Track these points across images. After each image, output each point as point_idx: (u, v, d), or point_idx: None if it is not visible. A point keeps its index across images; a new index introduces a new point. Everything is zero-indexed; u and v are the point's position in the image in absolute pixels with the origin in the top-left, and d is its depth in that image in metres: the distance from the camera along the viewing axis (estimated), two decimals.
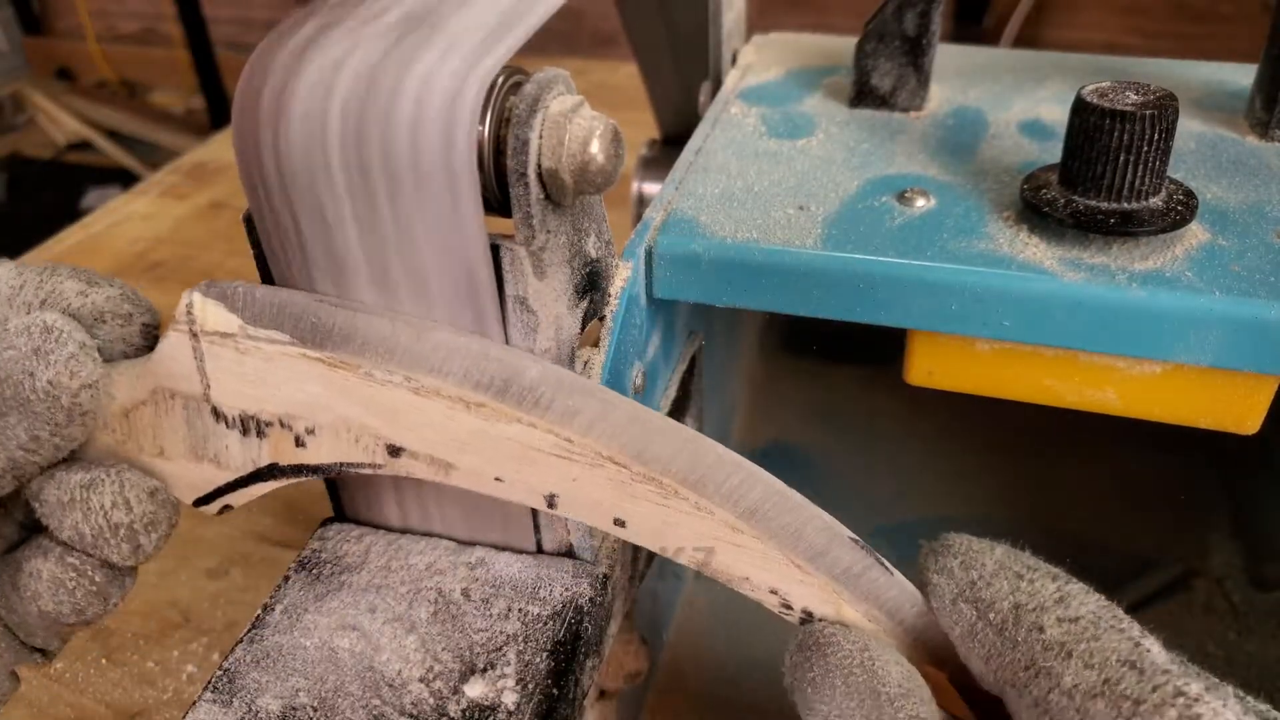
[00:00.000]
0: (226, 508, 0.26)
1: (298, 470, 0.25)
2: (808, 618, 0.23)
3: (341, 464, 0.24)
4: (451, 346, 0.23)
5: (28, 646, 0.27)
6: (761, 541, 0.23)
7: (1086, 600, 0.21)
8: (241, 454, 0.25)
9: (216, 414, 0.25)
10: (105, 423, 0.25)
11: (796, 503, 0.23)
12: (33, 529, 0.26)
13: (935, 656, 0.23)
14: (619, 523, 0.24)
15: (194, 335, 0.24)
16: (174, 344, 0.24)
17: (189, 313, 0.24)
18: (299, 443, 0.24)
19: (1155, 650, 0.20)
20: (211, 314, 0.24)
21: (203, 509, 0.26)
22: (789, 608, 0.23)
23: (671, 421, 0.23)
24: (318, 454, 0.24)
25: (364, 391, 0.23)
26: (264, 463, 0.25)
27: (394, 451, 0.24)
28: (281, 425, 0.24)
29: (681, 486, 0.23)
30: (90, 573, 0.25)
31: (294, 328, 0.23)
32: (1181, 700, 0.19)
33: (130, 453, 0.26)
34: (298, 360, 0.23)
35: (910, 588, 0.23)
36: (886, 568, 0.23)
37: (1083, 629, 0.21)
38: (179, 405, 0.25)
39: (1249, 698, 0.21)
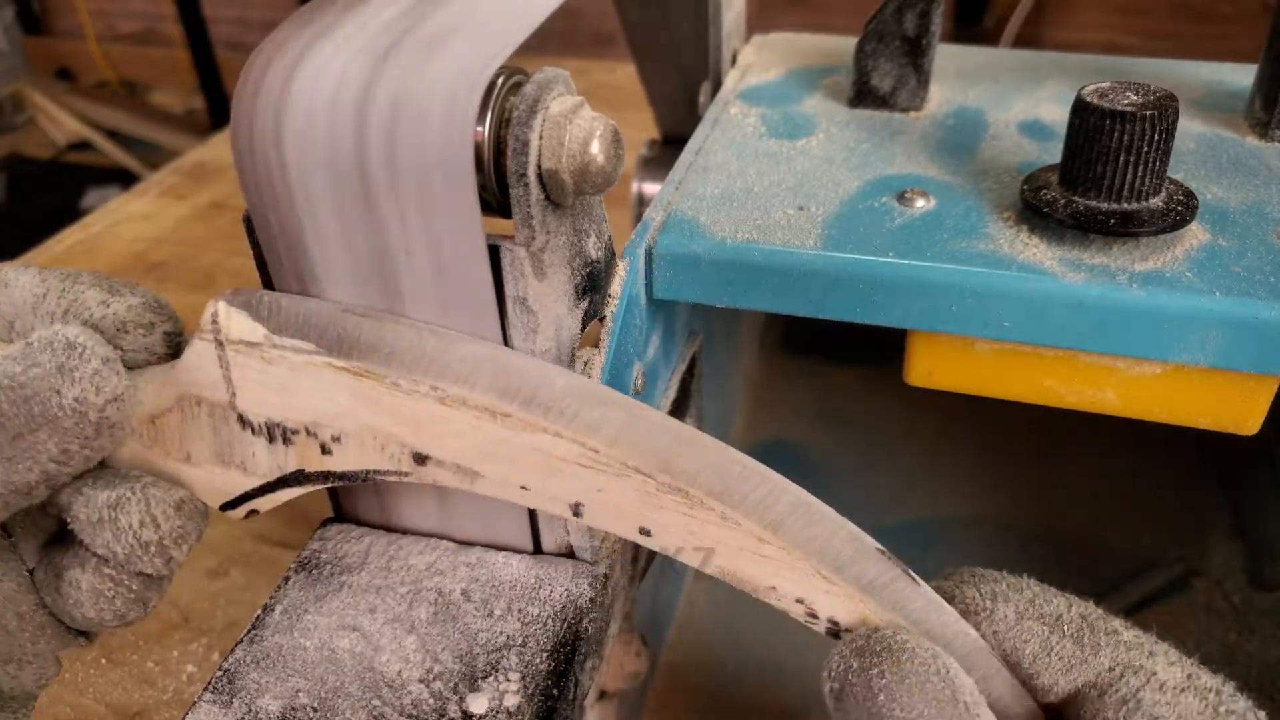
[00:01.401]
0: (253, 512, 0.26)
1: (324, 476, 0.25)
2: (834, 626, 0.23)
3: (368, 471, 0.24)
4: (478, 357, 0.23)
5: (72, 630, 0.27)
6: (788, 552, 0.23)
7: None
8: (268, 460, 0.25)
9: (243, 421, 0.25)
10: (133, 429, 0.25)
11: (822, 513, 0.23)
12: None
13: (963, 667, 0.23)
14: (644, 532, 0.24)
15: (219, 344, 0.24)
16: (199, 352, 0.24)
17: (214, 321, 0.24)
18: (325, 450, 0.24)
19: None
20: (236, 323, 0.24)
21: (229, 514, 0.26)
22: (814, 616, 0.23)
23: (698, 433, 0.23)
24: (344, 461, 0.24)
25: (390, 401, 0.23)
26: (290, 469, 0.25)
27: (420, 459, 0.24)
28: (307, 433, 0.24)
29: (708, 498, 0.23)
30: (127, 582, 0.25)
31: (320, 337, 0.23)
32: (1242, 697, 0.22)
33: (157, 458, 0.26)
34: (323, 369, 0.23)
35: (936, 599, 0.23)
36: (913, 579, 0.23)
37: (1145, 635, 0.23)
38: (204, 412, 0.25)
39: None
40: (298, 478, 0.25)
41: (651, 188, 0.47)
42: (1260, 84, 0.34)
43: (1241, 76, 0.39)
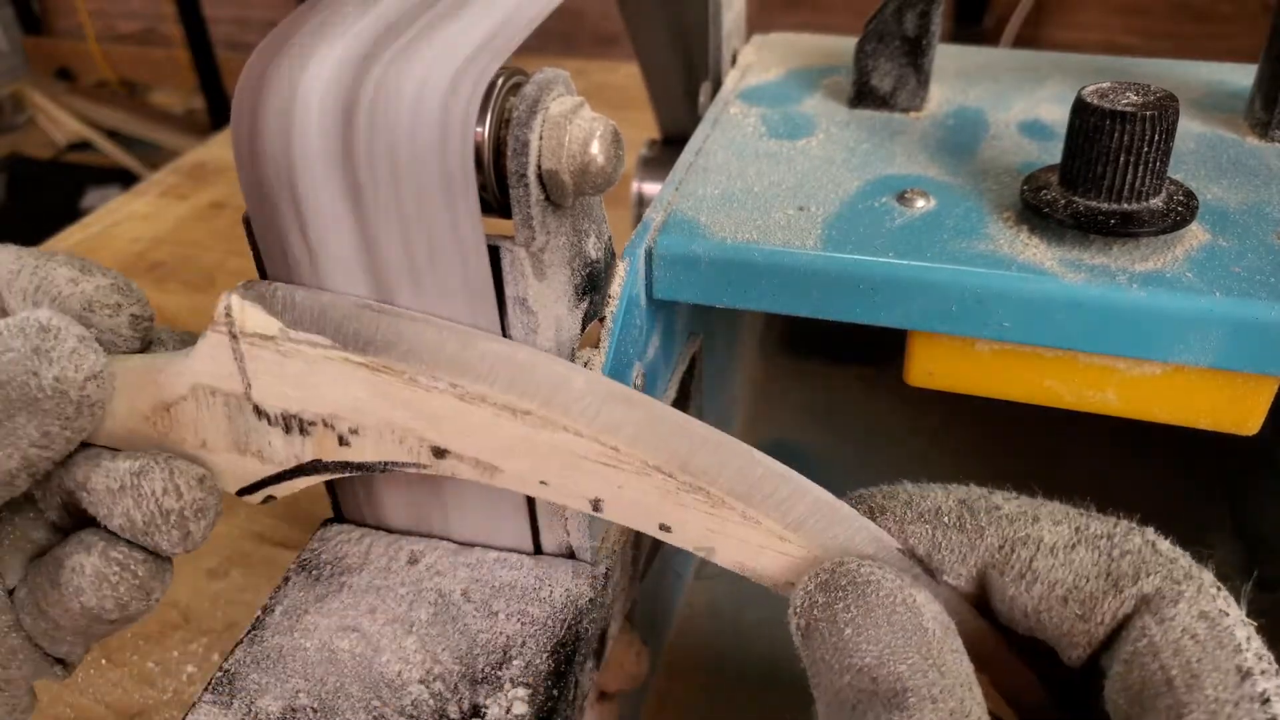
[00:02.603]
0: (270, 498, 0.27)
1: (342, 466, 0.25)
2: None
3: (386, 463, 0.25)
4: (498, 355, 0.23)
5: (49, 658, 0.27)
6: (808, 550, 0.23)
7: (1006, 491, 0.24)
8: (285, 449, 0.25)
9: (258, 412, 0.25)
10: (146, 416, 0.26)
11: (845, 514, 0.23)
12: (64, 529, 0.27)
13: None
14: (664, 528, 0.24)
15: (233, 336, 0.24)
16: (213, 344, 0.24)
17: (227, 314, 0.24)
18: (342, 441, 0.25)
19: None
20: (251, 316, 0.24)
21: (246, 498, 0.27)
22: None
23: (719, 433, 0.23)
24: (362, 453, 0.25)
25: (407, 396, 0.23)
26: (307, 459, 0.25)
27: (439, 453, 0.24)
28: (325, 425, 0.24)
29: (729, 497, 0.23)
30: (134, 566, 0.25)
31: (336, 332, 0.23)
32: (1138, 533, 0.22)
33: (174, 445, 0.26)
34: (340, 364, 0.23)
35: (956, 596, 0.23)
36: (933, 576, 0.23)
37: (1029, 501, 0.23)
38: (220, 402, 0.25)
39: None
40: (315, 466, 0.25)
41: (651, 188, 0.47)
42: (1260, 84, 0.34)
43: (1241, 76, 0.39)
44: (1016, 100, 0.37)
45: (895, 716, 0.19)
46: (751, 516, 0.23)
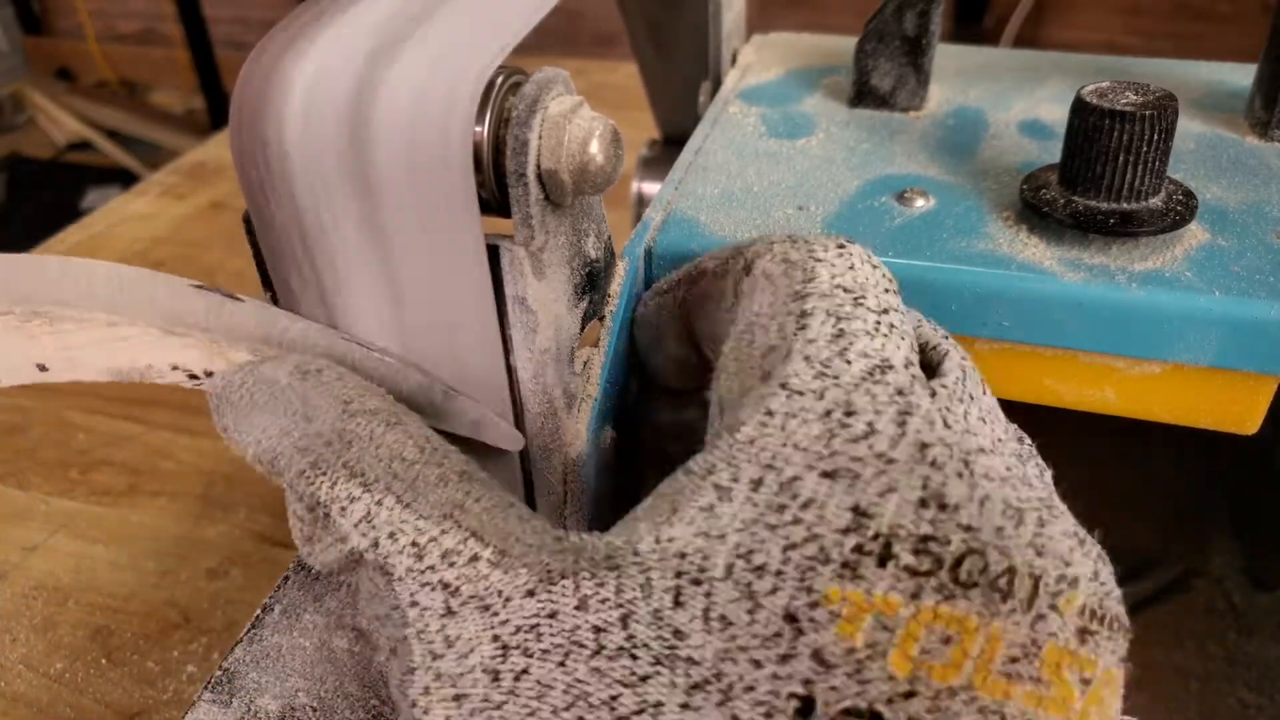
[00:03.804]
0: None
1: None
2: (211, 377, 0.24)
3: None
4: None
5: None
6: (136, 325, 0.23)
7: None
8: None
9: None
10: None
11: (137, 277, 0.23)
12: None
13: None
14: (42, 368, 0.24)
15: None
16: None
17: None
18: None
19: None
20: None
21: None
22: (195, 376, 0.24)
23: (27, 255, 0.24)
24: None
25: None
26: None
27: None
28: None
29: (56, 307, 0.23)
30: None
31: None
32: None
33: None
34: None
35: (268, 309, 0.24)
36: (235, 297, 0.24)
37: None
38: None
39: None
40: None
41: (651, 188, 0.47)
42: (1260, 84, 0.34)
43: (1241, 76, 0.39)
44: (1016, 100, 0.37)
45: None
46: (75, 317, 0.23)
